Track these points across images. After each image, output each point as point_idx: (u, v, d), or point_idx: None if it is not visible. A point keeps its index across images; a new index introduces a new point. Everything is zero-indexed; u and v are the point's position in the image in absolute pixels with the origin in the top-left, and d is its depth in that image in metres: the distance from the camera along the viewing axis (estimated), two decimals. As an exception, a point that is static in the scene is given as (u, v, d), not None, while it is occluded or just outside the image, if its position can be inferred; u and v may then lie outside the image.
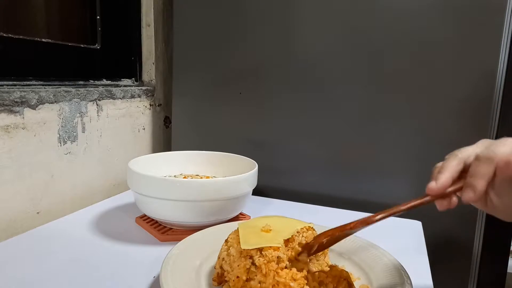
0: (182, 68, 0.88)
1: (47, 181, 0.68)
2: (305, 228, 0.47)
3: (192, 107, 0.88)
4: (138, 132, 0.91)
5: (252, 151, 0.83)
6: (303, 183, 0.82)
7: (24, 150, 0.63)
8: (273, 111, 0.82)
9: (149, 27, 0.94)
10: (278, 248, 0.40)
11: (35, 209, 0.66)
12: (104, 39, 0.87)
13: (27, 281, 0.45)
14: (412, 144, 0.74)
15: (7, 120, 0.59)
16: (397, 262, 0.47)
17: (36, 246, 0.54)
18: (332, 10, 0.75)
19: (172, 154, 0.73)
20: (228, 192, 0.58)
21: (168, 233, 0.59)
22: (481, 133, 0.69)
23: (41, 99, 0.64)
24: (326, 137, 0.79)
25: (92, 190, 0.78)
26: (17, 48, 0.68)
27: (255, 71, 0.82)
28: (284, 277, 0.39)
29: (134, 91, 0.88)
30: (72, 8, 0.82)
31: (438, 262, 0.72)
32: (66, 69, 0.78)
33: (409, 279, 0.43)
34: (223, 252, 0.43)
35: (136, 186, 0.58)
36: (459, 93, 0.70)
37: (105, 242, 0.56)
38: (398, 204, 0.43)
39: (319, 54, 0.77)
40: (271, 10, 0.79)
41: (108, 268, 0.49)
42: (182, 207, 0.56)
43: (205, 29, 0.84)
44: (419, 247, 0.60)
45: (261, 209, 0.74)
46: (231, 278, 0.40)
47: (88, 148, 0.76)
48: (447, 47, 0.69)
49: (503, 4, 0.66)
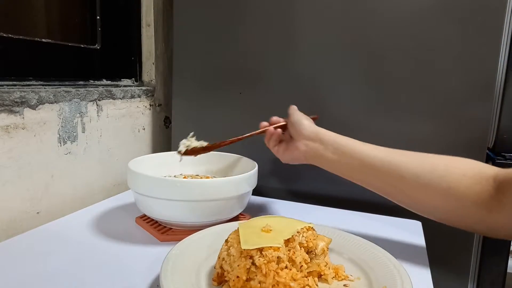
0: (182, 68, 0.88)
1: (47, 181, 0.68)
2: (305, 228, 0.47)
3: (192, 107, 0.88)
4: (138, 132, 0.91)
5: (252, 151, 0.83)
6: (303, 183, 0.82)
7: (24, 150, 0.63)
8: (273, 111, 0.82)
9: (149, 27, 0.94)
10: (278, 248, 0.40)
11: (35, 209, 0.66)
12: (104, 39, 0.87)
13: (27, 281, 0.45)
14: (412, 144, 0.73)
15: (7, 120, 0.59)
16: (397, 262, 0.47)
17: (36, 246, 0.54)
18: (333, 10, 0.75)
19: (172, 154, 0.73)
20: (228, 192, 0.58)
21: (168, 233, 0.59)
22: (481, 133, 0.69)
23: (41, 99, 0.64)
24: (326, 137, 0.79)
25: (92, 190, 0.78)
26: (17, 48, 0.68)
27: (255, 71, 0.82)
28: (284, 277, 0.39)
29: (134, 91, 0.88)
30: (72, 8, 0.82)
31: (438, 262, 0.72)
32: (66, 69, 0.78)
33: (409, 279, 0.43)
34: (223, 252, 0.43)
35: (136, 186, 0.58)
36: (459, 93, 0.70)
37: (105, 242, 0.56)
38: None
39: (319, 54, 0.77)
40: (271, 10, 0.79)
41: (108, 268, 0.49)
42: (182, 207, 0.56)
43: (205, 29, 0.84)
44: (419, 247, 0.60)
45: (261, 209, 0.74)
46: (231, 278, 0.40)
47: (88, 148, 0.76)
48: (447, 47, 0.69)
49: (503, 4, 0.66)
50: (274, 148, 0.66)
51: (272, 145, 0.66)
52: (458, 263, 0.74)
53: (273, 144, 0.65)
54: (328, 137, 0.59)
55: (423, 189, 0.50)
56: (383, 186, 0.55)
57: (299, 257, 0.43)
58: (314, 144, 0.60)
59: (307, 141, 0.60)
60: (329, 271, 0.46)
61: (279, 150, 0.65)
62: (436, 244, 0.73)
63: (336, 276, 0.46)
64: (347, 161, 0.56)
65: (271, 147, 0.66)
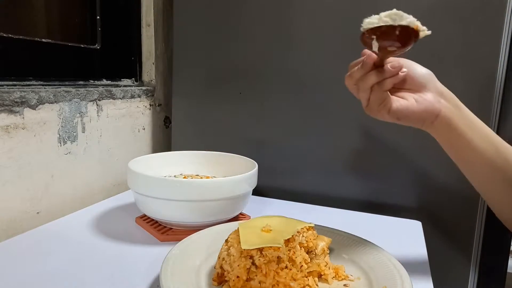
0: (182, 68, 0.88)
1: (47, 181, 0.68)
2: (305, 228, 0.47)
3: (192, 107, 0.88)
4: (138, 132, 0.91)
5: (252, 151, 0.83)
6: (303, 183, 0.82)
7: (24, 150, 0.63)
8: (273, 111, 0.82)
9: (149, 27, 0.94)
10: (278, 248, 0.40)
11: (35, 209, 0.66)
12: (104, 39, 0.87)
13: (27, 281, 0.45)
14: (412, 144, 0.74)
15: (7, 120, 0.59)
16: (397, 262, 0.47)
17: (36, 246, 0.54)
18: (332, 9, 0.75)
19: (172, 154, 0.73)
20: (228, 192, 0.58)
21: (168, 233, 0.59)
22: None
23: (41, 99, 0.64)
24: (326, 137, 0.79)
25: (92, 190, 0.78)
26: (17, 48, 0.68)
27: (255, 71, 0.82)
28: (284, 277, 0.39)
29: (134, 91, 0.88)
30: (72, 8, 0.82)
31: (438, 262, 0.72)
32: (66, 69, 0.78)
33: (409, 279, 0.43)
34: (223, 252, 0.43)
35: (136, 186, 0.58)
36: (459, 93, 0.69)
37: (105, 242, 0.56)
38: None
39: (320, 54, 0.77)
40: (271, 10, 0.79)
41: (108, 268, 0.49)
42: (182, 207, 0.56)
43: (205, 29, 0.84)
44: (419, 247, 0.60)
45: (261, 209, 0.74)
46: (231, 278, 0.40)
47: (88, 148, 0.76)
48: (447, 47, 0.69)
49: (503, 4, 0.66)
50: (374, 87, 0.43)
51: (372, 80, 0.43)
52: (458, 263, 0.74)
53: (375, 78, 0.43)
54: (464, 106, 0.46)
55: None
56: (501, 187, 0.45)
57: (299, 257, 0.43)
58: (449, 106, 0.45)
59: (440, 97, 0.45)
60: (329, 271, 0.46)
61: (379, 95, 0.43)
62: (436, 244, 0.73)
63: (336, 276, 0.46)
64: (481, 145, 0.45)
65: (369, 83, 0.43)
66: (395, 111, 0.44)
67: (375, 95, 0.43)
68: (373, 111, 0.45)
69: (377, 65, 0.43)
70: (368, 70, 0.43)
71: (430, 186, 0.73)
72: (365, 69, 0.43)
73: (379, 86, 0.43)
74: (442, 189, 0.73)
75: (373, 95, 0.43)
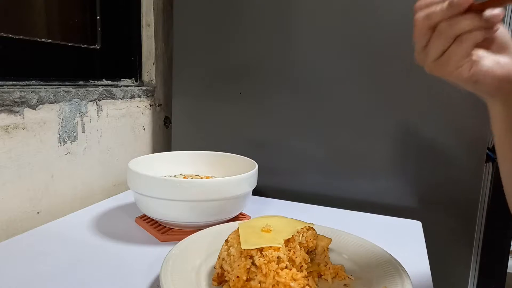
0: (182, 68, 0.88)
1: (47, 181, 0.68)
2: (305, 228, 0.47)
3: (192, 107, 0.88)
4: (138, 132, 0.91)
5: (252, 151, 0.83)
6: (303, 183, 0.82)
7: (24, 150, 0.63)
8: (273, 111, 0.82)
9: (149, 27, 0.94)
10: (278, 248, 0.40)
11: (35, 209, 0.66)
12: (104, 39, 0.87)
13: (27, 281, 0.45)
14: (412, 144, 0.74)
15: (7, 120, 0.59)
16: (397, 262, 0.47)
17: (36, 246, 0.54)
18: (332, 10, 0.75)
19: (172, 154, 0.73)
20: (228, 192, 0.58)
21: (168, 233, 0.59)
22: (481, 133, 0.69)
23: (41, 99, 0.64)
24: (326, 137, 0.79)
25: (92, 190, 0.78)
26: (17, 48, 0.68)
27: (255, 71, 0.82)
28: (284, 277, 0.39)
29: (134, 91, 0.88)
30: (72, 8, 0.82)
31: (438, 262, 0.72)
32: (66, 69, 0.78)
33: (409, 279, 0.43)
34: (223, 252, 0.43)
35: (136, 186, 0.58)
36: (459, 93, 0.70)
37: (105, 242, 0.56)
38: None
39: (319, 54, 0.77)
40: (270, 10, 0.79)
41: (108, 268, 0.49)
42: (182, 207, 0.56)
43: (205, 29, 0.84)
44: (419, 247, 0.60)
45: (261, 209, 0.74)
46: (231, 278, 0.40)
47: (88, 148, 0.76)
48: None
49: (503, 4, 0.66)
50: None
51: (465, 25, 0.34)
52: (458, 263, 0.74)
53: (470, 24, 0.34)
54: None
55: None
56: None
57: (299, 257, 0.43)
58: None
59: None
60: (329, 271, 0.46)
61: (466, 47, 0.34)
62: (436, 244, 0.73)
63: (336, 276, 0.46)
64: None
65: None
66: (478, 72, 0.35)
67: (460, 46, 0.34)
68: (444, 67, 0.36)
69: (473, 9, 0.34)
70: (461, 12, 0.34)
71: (430, 186, 0.73)
72: (458, 10, 0.34)
73: (471, 35, 0.34)
74: (442, 189, 0.73)
75: (456, 46, 0.35)
